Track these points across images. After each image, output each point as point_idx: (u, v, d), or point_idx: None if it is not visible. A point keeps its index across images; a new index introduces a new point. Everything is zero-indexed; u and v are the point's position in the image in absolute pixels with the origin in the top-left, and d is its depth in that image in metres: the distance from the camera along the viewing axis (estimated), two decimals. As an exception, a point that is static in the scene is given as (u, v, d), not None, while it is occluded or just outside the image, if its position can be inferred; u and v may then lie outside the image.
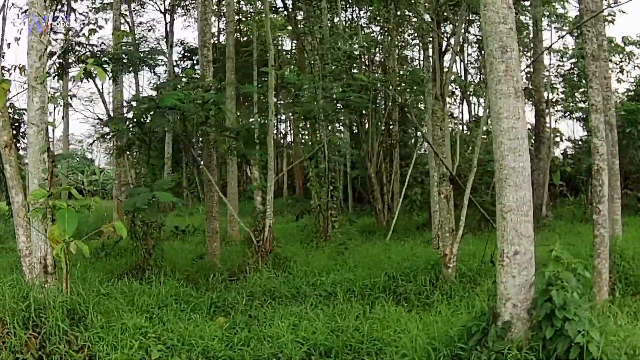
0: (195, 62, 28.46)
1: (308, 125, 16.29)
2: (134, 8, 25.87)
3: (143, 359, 6.04)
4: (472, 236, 15.44)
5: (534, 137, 18.55)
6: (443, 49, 8.51)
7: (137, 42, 25.12)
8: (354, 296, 8.58)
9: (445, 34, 8.65)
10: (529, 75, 19.94)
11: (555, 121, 24.30)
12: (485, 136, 15.97)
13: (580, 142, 22.74)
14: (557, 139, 22.59)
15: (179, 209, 24.29)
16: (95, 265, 11.69)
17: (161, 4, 26.10)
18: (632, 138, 16.81)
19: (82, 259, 12.49)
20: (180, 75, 23.24)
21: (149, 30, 27.60)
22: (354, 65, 14.43)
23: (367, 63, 19.33)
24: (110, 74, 11.19)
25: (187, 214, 24.02)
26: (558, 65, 22.39)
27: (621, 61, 22.48)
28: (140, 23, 28.05)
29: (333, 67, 12.73)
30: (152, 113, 9.64)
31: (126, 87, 25.66)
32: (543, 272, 5.06)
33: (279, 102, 12.13)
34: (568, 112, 22.91)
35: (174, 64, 28.38)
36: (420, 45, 18.89)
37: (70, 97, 17.58)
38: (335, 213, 15.12)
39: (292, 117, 20.99)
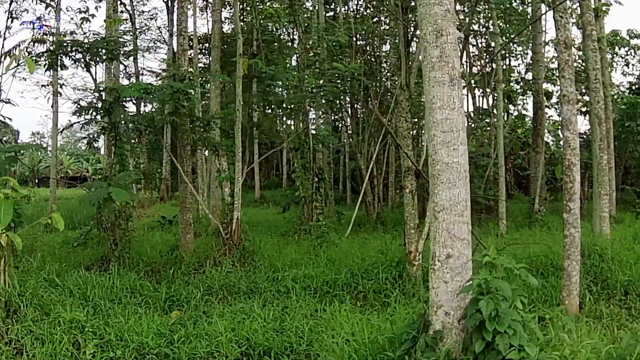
0: (198, 51, 28.13)
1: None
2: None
3: (72, 354, 5.85)
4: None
5: (532, 130, 17.97)
6: (410, 37, 8.02)
7: (132, 30, 25.16)
8: (312, 293, 8.24)
9: (412, 22, 8.13)
10: (528, 67, 19.29)
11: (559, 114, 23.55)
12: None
13: (585, 135, 22.01)
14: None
15: (177, 198, 24.19)
16: (69, 255, 11.52)
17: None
18: (632, 132, 16.12)
19: (59, 249, 12.49)
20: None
21: (152, 19, 27.29)
22: (343, 55, 13.88)
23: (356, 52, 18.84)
24: (83, 64, 10.84)
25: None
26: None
27: (627, 54, 21.67)
28: (142, 12, 27.71)
29: (311, 56, 12.31)
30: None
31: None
32: (475, 279, 4.62)
33: (252, 92, 11.71)
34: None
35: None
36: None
37: (60, 86, 17.34)
38: (319, 205, 14.72)
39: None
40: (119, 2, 21.13)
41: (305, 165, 14.73)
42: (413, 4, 8.29)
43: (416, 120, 24.23)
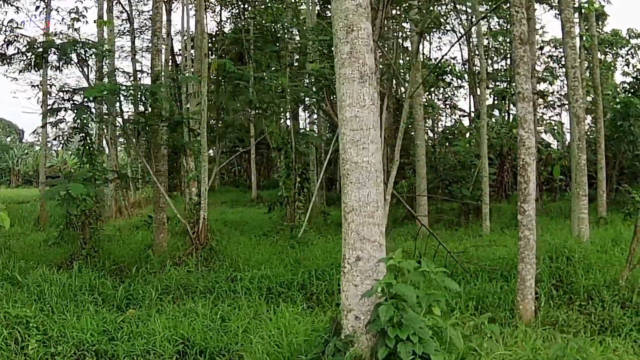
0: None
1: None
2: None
3: (14, 349, 5.95)
4: (446, 231, 14.80)
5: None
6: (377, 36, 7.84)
7: (129, 31, 25.21)
8: (266, 294, 8.17)
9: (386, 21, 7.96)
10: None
11: (558, 114, 23.20)
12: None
13: (587, 136, 21.57)
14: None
15: (174, 197, 24.32)
16: (45, 253, 11.63)
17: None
18: (625, 132, 15.72)
19: (38, 247, 12.61)
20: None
21: (150, 19, 27.28)
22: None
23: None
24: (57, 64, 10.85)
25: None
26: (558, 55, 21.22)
27: (627, 54, 21.19)
28: (142, 12, 27.81)
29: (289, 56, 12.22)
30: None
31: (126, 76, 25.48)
32: (378, 283, 4.46)
33: (219, 92, 11.64)
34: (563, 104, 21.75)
35: (176, 53, 28.22)
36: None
37: (50, 86, 17.45)
38: (302, 205, 14.61)
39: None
40: (114, 2, 21.19)
41: (289, 164, 14.65)
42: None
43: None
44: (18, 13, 17.78)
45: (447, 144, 20.65)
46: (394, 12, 15.94)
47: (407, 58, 23.14)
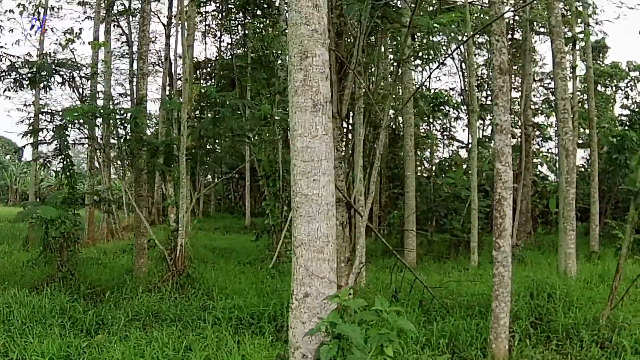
0: (198, 75, 28.37)
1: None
2: (135, 20, 25.92)
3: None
4: (435, 264, 14.55)
5: (518, 162, 17.47)
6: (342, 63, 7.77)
7: (128, 53, 25.39)
8: (235, 325, 7.94)
9: (346, 49, 7.88)
10: (516, 99, 18.86)
11: (556, 146, 22.98)
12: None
13: (582, 169, 21.38)
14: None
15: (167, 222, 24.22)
16: (24, 273, 11.53)
17: (163, 17, 26.04)
18: (620, 165, 15.52)
19: (19, 267, 12.47)
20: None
21: (151, 42, 27.53)
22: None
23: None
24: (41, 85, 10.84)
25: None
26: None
27: (626, 86, 21.09)
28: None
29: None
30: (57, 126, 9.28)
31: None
32: (322, 321, 4.26)
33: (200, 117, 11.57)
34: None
35: (177, 77, 28.38)
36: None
37: (43, 106, 17.46)
38: (290, 235, 14.39)
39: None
40: (113, 25, 21.36)
41: (276, 193, 14.51)
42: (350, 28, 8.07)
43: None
44: (12, 32, 17.85)
45: (443, 175, 20.50)
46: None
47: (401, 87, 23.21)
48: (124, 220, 22.37)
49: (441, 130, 25.35)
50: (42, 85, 10.43)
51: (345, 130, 18.37)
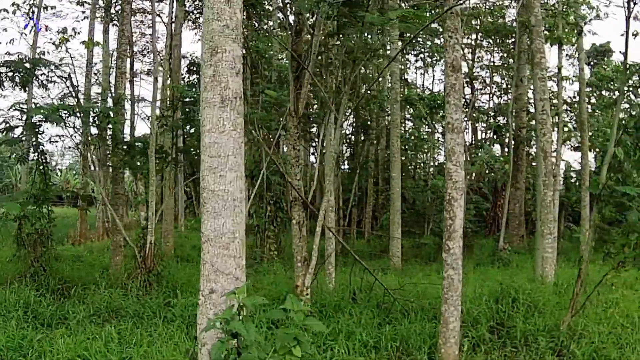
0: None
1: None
2: (137, 19, 26.18)
3: None
4: (419, 266, 14.39)
5: (512, 166, 17.19)
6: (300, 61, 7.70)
7: (128, 53, 25.62)
8: (194, 322, 7.91)
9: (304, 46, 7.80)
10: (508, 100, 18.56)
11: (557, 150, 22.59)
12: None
13: (580, 173, 20.96)
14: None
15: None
16: (4, 268, 11.68)
17: (166, 16, 26.19)
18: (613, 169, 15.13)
19: (4, 263, 12.64)
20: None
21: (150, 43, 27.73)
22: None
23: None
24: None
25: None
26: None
27: (628, 90, 20.57)
28: (144, 34, 28.27)
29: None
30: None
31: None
32: (217, 318, 4.20)
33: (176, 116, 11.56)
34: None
35: (181, 76, 28.55)
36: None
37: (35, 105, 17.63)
38: (273, 235, 14.38)
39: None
40: (110, 24, 21.50)
41: (260, 193, 14.49)
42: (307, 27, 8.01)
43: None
44: (7, 31, 18.09)
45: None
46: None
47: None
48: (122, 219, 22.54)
49: (442, 133, 25.10)
50: (20, 83, 10.53)
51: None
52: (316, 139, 19.56)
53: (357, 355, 6.64)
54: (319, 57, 7.72)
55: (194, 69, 29.48)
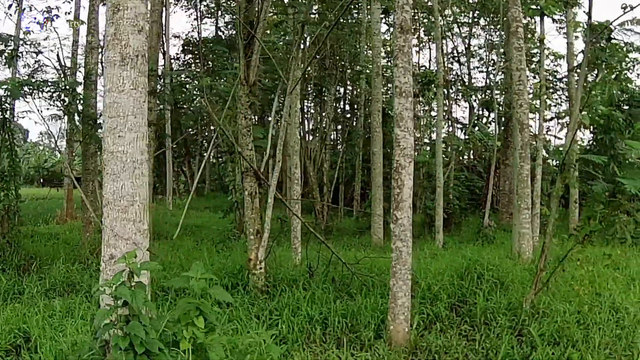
0: (194, 55, 28.37)
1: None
2: None
3: None
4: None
5: (502, 142, 16.85)
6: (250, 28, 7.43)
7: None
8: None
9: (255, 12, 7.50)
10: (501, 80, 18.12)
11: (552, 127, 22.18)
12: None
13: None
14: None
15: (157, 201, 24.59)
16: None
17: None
18: (605, 146, 14.77)
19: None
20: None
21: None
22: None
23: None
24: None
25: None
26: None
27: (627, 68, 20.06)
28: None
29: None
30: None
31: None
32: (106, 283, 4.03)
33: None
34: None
35: (173, 56, 28.47)
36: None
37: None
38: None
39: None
40: (100, 4, 21.28)
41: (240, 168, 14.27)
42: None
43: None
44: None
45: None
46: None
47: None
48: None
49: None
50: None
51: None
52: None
53: (299, 333, 6.40)
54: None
55: (190, 48, 29.36)
